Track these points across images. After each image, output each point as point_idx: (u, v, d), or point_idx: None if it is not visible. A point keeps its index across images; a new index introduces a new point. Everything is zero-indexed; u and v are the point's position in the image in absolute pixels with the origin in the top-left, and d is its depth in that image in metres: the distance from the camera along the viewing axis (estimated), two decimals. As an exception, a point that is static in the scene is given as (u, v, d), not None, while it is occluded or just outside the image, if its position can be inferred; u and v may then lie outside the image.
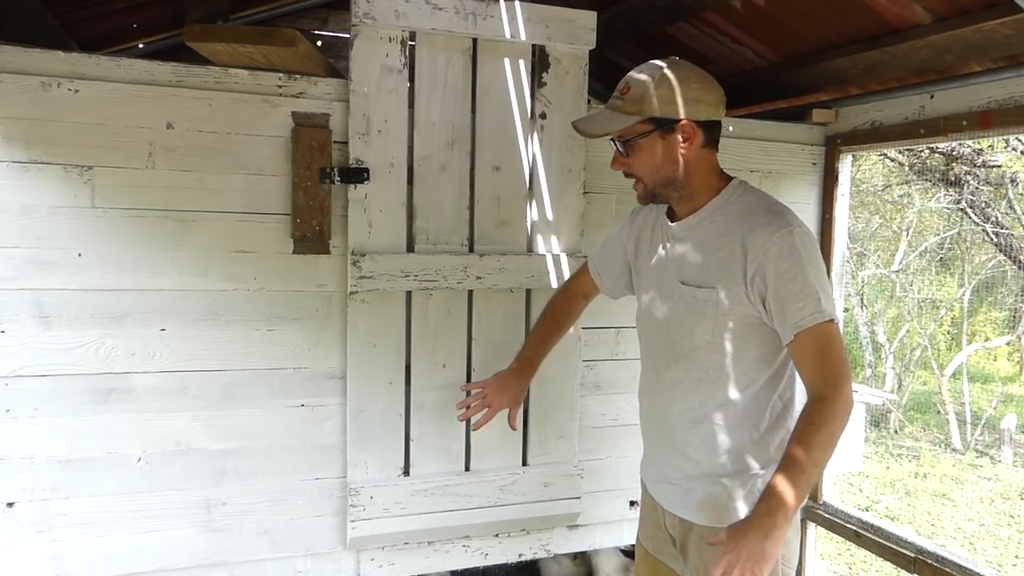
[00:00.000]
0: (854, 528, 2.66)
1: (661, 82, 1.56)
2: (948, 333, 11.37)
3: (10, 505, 1.88)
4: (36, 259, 1.85)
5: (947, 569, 2.32)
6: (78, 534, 1.93)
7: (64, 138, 1.85)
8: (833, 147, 2.71)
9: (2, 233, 1.82)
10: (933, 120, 2.34)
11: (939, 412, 9.29)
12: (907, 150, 6.65)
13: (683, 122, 1.57)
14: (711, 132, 1.62)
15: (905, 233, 9.87)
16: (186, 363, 1.99)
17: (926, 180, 7.39)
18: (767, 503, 1.42)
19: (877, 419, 9.76)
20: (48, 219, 1.85)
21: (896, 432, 9.26)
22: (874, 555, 2.54)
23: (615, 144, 1.65)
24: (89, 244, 1.89)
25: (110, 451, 1.95)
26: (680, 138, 1.58)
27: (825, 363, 1.48)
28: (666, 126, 1.57)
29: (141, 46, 3.16)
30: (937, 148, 5.89)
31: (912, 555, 2.43)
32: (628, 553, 2.81)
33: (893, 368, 10.00)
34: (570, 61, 2.24)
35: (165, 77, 1.92)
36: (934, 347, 10.63)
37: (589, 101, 2.29)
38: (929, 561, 2.38)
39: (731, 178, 1.67)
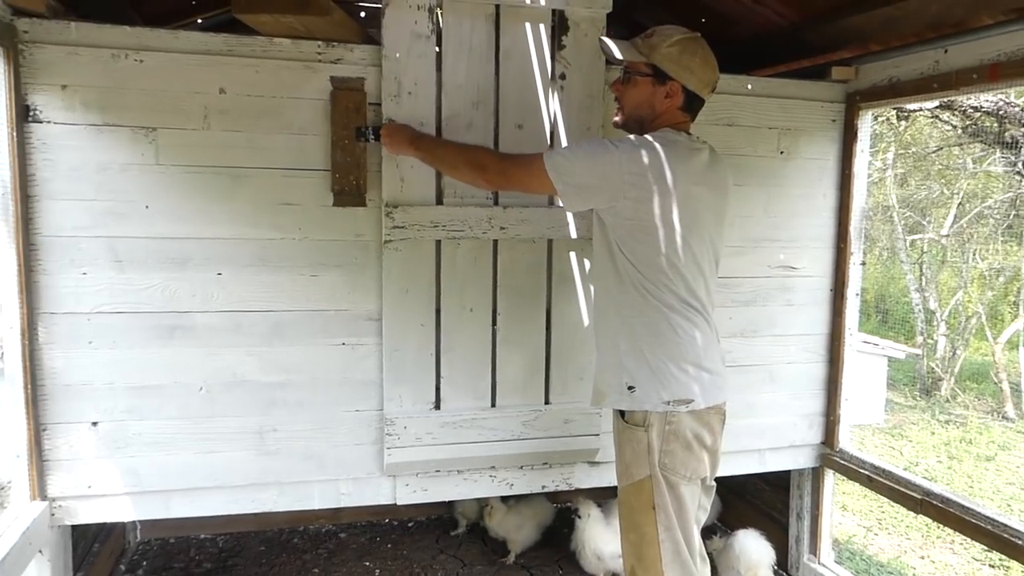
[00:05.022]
0: (867, 473, 2.77)
1: (674, 44, 1.86)
2: (1011, 302, 11.04)
3: (94, 424, 2.16)
4: (110, 211, 2.11)
5: (951, 509, 2.43)
6: (151, 451, 2.21)
7: (131, 103, 2.09)
8: (853, 104, 2.77)
9: (83, 187, 2.08)
10: (946, 74, 2.39)
11: (995, 382, 9.11)
12: (960, 111, 6.51)
13: (674, 81, 1.87)
14: (691, 101, 1.93)
15: (956, 197, 9.61)
16: (240, 304, 2.23)
17: (980, 142, 7.19)
18: (424, 138, 2.17)
19: (928, 388, 9.63)
20: (119, 175, 2.10)
21: (948, 401, 9.12)
22: (908, 511, 2.62)
23: (621, 73, 1.98)
24: (154, 197, 2.13)
25: (176, 380, 2.21)
26: (666, 92, 1.88)
27: (517, 157, 2.03)
28: (661, 78, 1.87)
29: (199, 21, 3.40)
30: (981, 108, 5.76)
31: (919, 497, 2.54)
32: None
33: (946, 335, 9.81)
34: (588, 24, 2.38)
35: (217, 47, 2.14)
36: (994, 315, 10.36)
37: (607, 62, 2.42)
38: (935, 503, 2.48)
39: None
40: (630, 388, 1.88)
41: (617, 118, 2.00)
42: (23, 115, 2.01)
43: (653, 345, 1.86)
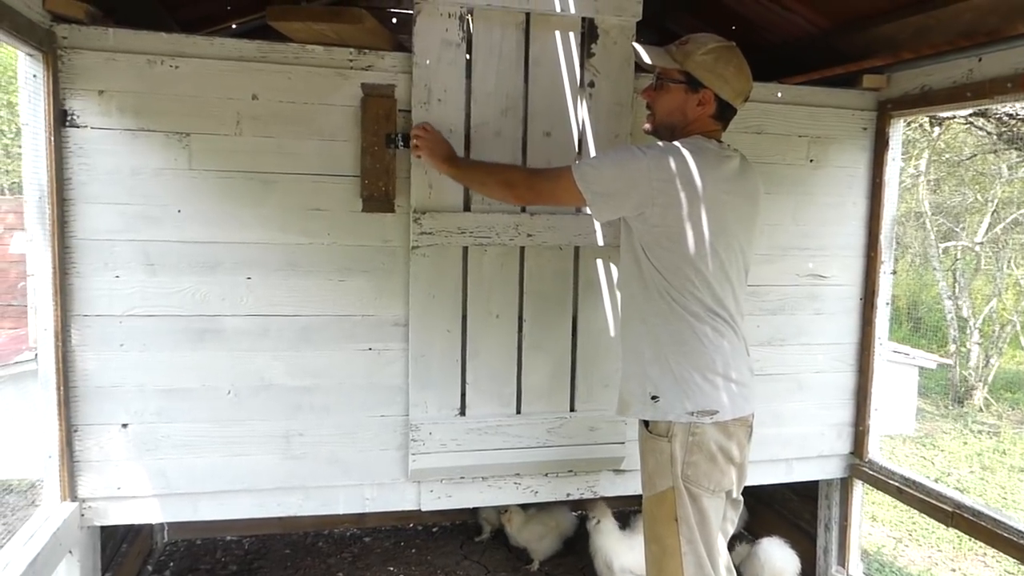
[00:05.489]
0: (897, 484, 2.73)
1: (709, 52, 1.86)
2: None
3: (124, 426, 2.19)
4: (143, 215, 2.14)
5: (982, 522, 2.38)
6: (179, 454, 2.23)
7: (166, 109, 2.12)
8: (884, 112, 2.74)
9: (117, 192, 2.11)
10: (979, 83, 2.36)
11: (1029, 390, 8.96)
12: (995, 118, 6.40)
13: (707, 90, 1.86)
14: (723, 110, 1.91)
15: (990, 203, 9.44)
16: (268, 308, 2.25)
17: (1016, 148, 7.05)
18: (458, 158, 2.20)
19: (961, 397, 9.46)
20: (153, 180, 2.13)
21: (981, 410, 8.96)
22: (939, 523, 2.57)
23: (653, 79, 1.98)
24: (187, 202, 2.16)
25: (204, 384, 2.24)
26: (698, 100, 1.87)
27: (544, 171, 2.08)
28: (694, 85, 1.87)
29: (234, 27, 3.45)
30: (1017, 115, 5.66)
31: (950, 509, 2.50)
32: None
33: (979, 344, 9.62)
34: (618, 32, 2.37)
35: (251, 53, 2.17)
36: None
37: (637, 70, 2.41)
38: (966, 515, 2.44)
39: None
40: (654, 398, 1.86)
41: (648, 125, 2.00)
42: (61, 120, 2.05)
43: (678, 354, 1.85)
